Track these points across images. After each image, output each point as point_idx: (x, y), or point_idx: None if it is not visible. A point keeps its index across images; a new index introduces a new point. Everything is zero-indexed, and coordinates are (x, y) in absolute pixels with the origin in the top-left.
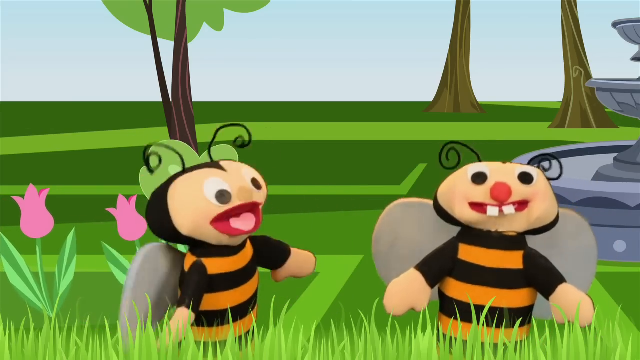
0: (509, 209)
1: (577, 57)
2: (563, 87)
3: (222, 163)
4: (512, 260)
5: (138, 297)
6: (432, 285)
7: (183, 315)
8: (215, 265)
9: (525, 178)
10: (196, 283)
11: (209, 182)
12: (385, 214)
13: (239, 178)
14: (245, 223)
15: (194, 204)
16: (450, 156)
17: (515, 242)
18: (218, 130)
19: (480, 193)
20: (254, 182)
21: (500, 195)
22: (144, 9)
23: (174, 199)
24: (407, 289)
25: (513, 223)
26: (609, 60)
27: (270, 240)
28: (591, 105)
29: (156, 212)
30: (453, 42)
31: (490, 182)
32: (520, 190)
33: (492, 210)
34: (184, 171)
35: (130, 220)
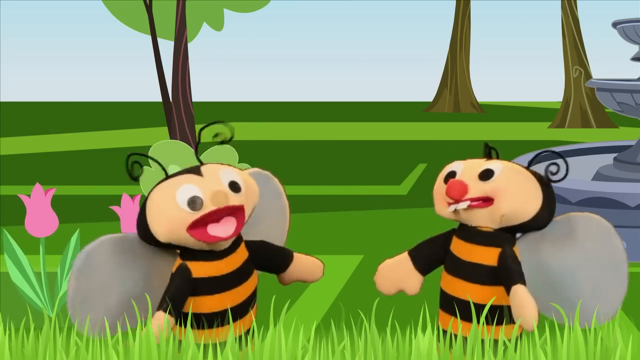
0: (461, 205)
1: (577, 57)
2: (563, 87)
3: (202, 168)
4: (486, 256)
5: (88, 282)
6: (422, 271)
7: (159, 319)
8: (200, 269)
9: (484, 175)
10: (175, 286)
11: (181, 190)
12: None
13: (214, 182)
14: (224, 229)
15: (167, 212)
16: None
17: (490, 238)
18: (201, 130)
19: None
20: (233, 185)
21: (452, 193)
22: (144, 9)
23: (150, 207)
24: (394, 271)
25: (477, 219)
26: (609, 60)
27: (267, 245)
28: (591, 105)
29: (139, 219)
30: (453, 42)
31: None
32: (477, 187)
33: (451, 207)
34: (166, 178)
35: (134, 219)
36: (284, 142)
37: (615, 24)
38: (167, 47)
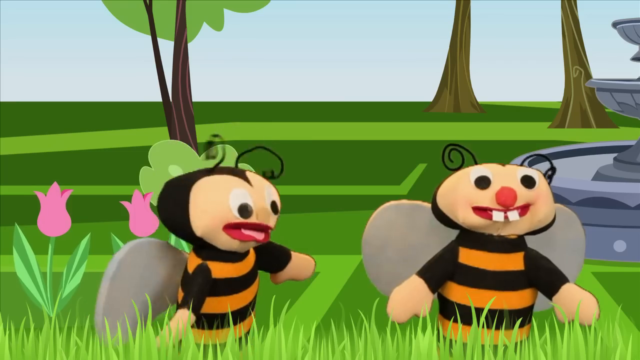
0: (513, 215)
1: (577, 57)
2: (563, 87)
3: (248, 175)
4: (514, 262)
5: (118, 289)
6: (434, 291)
7: (183, 316)
8: (219, 270)
9: (528, 182)
10: (199, 285)
11: (236, 193)
12: (376, 216)
13: (262, 197)
14: (257, 232)
15: (216, 209)
16: (453, 157)
17: (515, 244)
18: (253, 149)
19: (485, 198)
20: (274, 205)
21: (507, 200)
22: (144, 9)
23: (197, 198)
24: (411, 297)
25: (516, 227)
26: (609, 60)
27: (271, 245)
28: (591, 105)
29: (173, 205)
30: (453, 42)
31: (495, 187)
32: (524, 195)
33: (498, 216)
34: (212, 171)
35: (142, 217)
36: (284, 142)
37: (615, 24)
38: (167, 47)
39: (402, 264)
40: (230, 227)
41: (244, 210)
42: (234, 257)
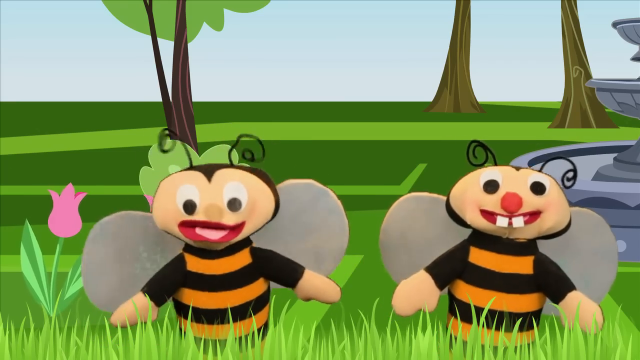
0: (518, 222)
1: (577, 57)
2: (563, 87)
3: (216, 172)
4: (522, 265)
5: (98, 253)
6: (441, 288)
7: (135, 300)
8: (192, 263)
9: (538, 188)
10: (162, 273)
11: (183, 189)
12: (396, 206)
13: (215, 194)
14: (212, 232)
15: (165, 204)
16: (477, 152)
17: (525, 247)
18: (240, 137)
19: (492, 202)
20: (232, 202)
21: (510, 206)
22: (144, 9)
23: (157, 191)
24: (416, 291)
25: (524, 232)
26: (609, 60)
27: (274, 257)
28: (591, 105)
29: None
30: (453, 42)
31: (501, 192)
32: (531, 201)
33: (502, 221)
34: (190, 169)
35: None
36: (284, 142)
37: (615, 24)
38: (167, 47)
39: (419, 254)
40: (184, 225)
41: (188, 207)
42: (205, 253)
